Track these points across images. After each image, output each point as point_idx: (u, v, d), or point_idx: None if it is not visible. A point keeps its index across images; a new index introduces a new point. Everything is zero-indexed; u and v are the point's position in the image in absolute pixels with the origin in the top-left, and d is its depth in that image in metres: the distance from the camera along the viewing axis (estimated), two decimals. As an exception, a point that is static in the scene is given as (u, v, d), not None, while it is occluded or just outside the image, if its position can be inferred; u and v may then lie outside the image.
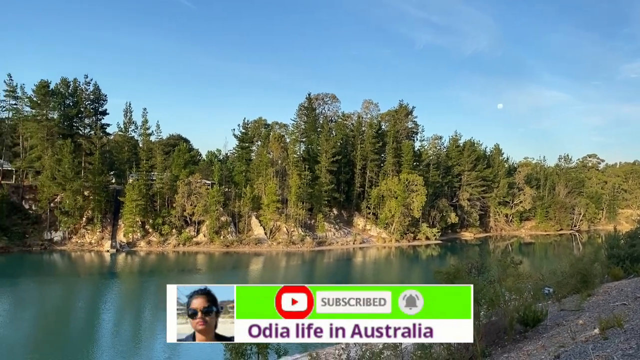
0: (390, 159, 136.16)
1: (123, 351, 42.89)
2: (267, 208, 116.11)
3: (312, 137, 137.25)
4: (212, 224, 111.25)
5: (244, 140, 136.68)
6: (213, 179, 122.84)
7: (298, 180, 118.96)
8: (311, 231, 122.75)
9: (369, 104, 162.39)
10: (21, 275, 79.32)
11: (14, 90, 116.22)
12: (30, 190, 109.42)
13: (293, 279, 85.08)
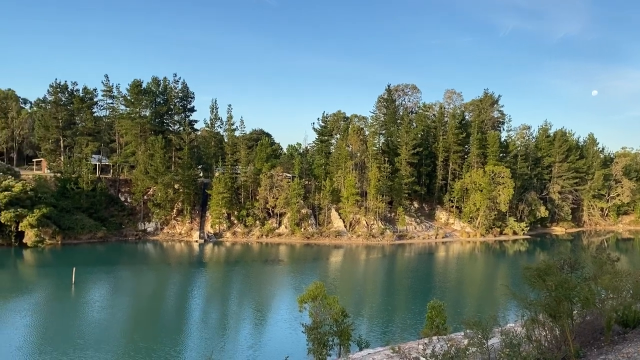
0: (475, 151, 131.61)
1: (210, 336, 44.67)
2: (346, 201, 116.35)
3: (392, 129, 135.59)
4: (293, 216, 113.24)
5: (324, 133, 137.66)
6: (294, 172, 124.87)
7: (377, 173, 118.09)
8: (391, 224, 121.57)
9: (451, 93, 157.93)
10: (118, 262, 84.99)
11: (110, 90, 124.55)
12: (126, 183, 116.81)
13: (374, 272, 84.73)
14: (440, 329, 34.93)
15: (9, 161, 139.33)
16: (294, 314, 49.39)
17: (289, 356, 26.17)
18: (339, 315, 30.80)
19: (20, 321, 49.26)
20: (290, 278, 76.21)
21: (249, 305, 58.34)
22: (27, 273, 77.34)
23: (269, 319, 52.57)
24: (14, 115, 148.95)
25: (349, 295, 61.23)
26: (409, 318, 52.16)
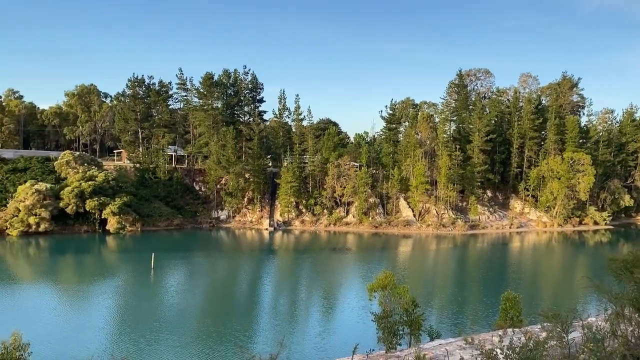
0: (552, 137, 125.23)
1: (280, 322, 45.50)
2: (415, 190, 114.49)
3: (464, 116, 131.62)
4: (361, 205, 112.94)
5: (392, 121, 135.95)
6: (361, 161, 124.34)
7: (448, 161, 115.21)
8: (463, 214, 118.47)
9: (527, 77, 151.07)
10: (193, 249, 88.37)
11: (184, 83, 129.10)
12: (200, 173, 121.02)
13: (444, 263, 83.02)
14: (515, 321, 33.65)
15: (92, 152, 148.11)
16: (362, 303, 49.34)
17: (359, 344, 26.06)
18: (410, 305, 30.35)
19: (102, 303, 52.42)
20: (358, 267, 76.17)
21: (318, 293, 58.88)
22: (110, 258, 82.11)
23: (337, 306, 52.81)
24: (96, 109, 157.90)
25: (418, 285, 60.35)
26: (480, 310, 50.72)
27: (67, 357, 34.80)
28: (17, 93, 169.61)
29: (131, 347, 37.75)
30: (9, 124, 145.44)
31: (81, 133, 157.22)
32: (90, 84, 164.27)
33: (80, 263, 76.26)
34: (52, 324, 43.52)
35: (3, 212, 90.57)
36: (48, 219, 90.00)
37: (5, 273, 66.79)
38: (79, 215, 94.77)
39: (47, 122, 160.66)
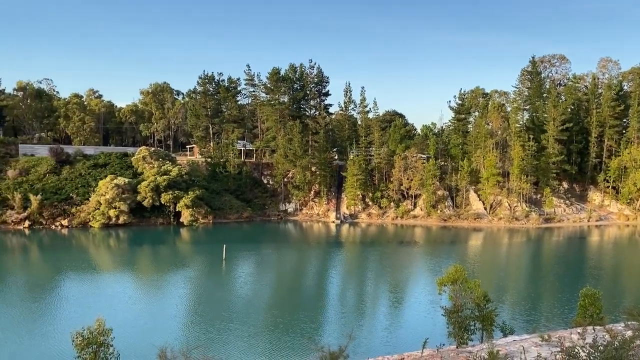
0: (635, 124, 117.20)
1: (347, 314, 45.51)
2: (486, 182, 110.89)
3: (538, 104, 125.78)
4: (429, 198, 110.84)
5: (460, 111, 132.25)
6: (428, 152, 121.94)
7: (521, 151, 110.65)
8: (537, 207, 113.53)
9: (606, 62, 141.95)
10: (262, 241, 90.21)
11: (252, 79, 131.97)
12: (268, 167, 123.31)
13: (517, 257, 79.96)
14: (594, 319, 31.77)
15: (166, 148, 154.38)
16: (430, 297, 48.44)
17: (428, 338, 25.54)
18: (481, 300, 29.37)
19: (176, 292, 54.60)
20: (426, 260, 74.86)
21: (385, 286, 58.41)
22: (183, 249, 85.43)
23: (405, 300, 52.15)
24: (169, 106, 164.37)
25: (490, 280, 58.45)
26: (556, 306, 48.43)
27: (145, 343, 36.46)
28: (97, 93, 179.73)
29: (202, 336, 39.02)
30: (90, 122, 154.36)
31: (156, 129, 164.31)
32: (163, 82, 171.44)
33: (156, 254, 79.85)
34: (130, 311, 45.81)
35: (86, 205, 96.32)
36: (127, 212, 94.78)
37: (88, 263, 71.10)
38: (155, 208, 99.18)
39: (125, 119, 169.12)
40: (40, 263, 72.16)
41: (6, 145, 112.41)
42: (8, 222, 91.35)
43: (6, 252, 77.96)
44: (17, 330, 40.92)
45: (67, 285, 58.13)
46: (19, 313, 46.24)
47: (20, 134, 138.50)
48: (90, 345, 24.76)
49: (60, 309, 47.67)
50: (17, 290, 56.20)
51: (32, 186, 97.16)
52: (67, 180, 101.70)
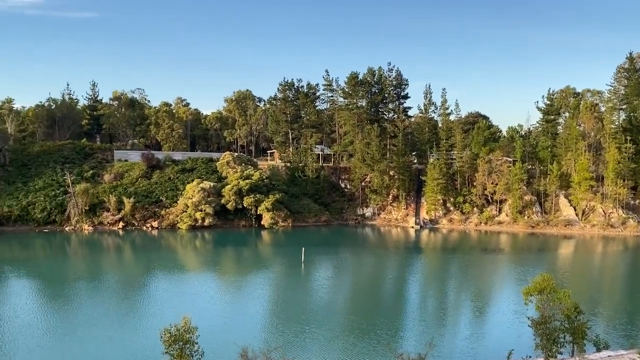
0: None
1: (427, 322, 44.33)
2: (578, 186, 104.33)
3: (635, 103, 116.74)
4: (515, 203, 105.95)
5: (549, 112, 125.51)
6: (515, 155, 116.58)
7: (617, 154, 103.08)
8: (635, 213, 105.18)
9: None
10: (340, 245, 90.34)
11: (330, 84, 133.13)
12: (345, 171, 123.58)
13: (613, 267, 74.43)
14: None
15: (248, 153, 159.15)
16: (515, 307, 46.18)
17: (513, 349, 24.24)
18: (572, 311, 27.52)
19: (256, 293, 55.84)
20: (512, 269, 71.52)
21: (467, 294, 56.40)
22: (264, 251, 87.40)
23: (488, 309, 50.02)
24: (251, 113, 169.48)
25: (582, 290, 54.73)
26: (659, 322, 44.42)
27: (227, 342, 37.49)
28: (184, 101, 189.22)
29: (280, 337, 39.48)
30: (178, 129, 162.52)
31: (239, 135, 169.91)
32: (246, 89, 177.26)
33: (238, 255, 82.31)
34: (213, 310, 47.35)
35: (174, 208, 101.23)
36: (212, 214, 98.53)
37: (175, 263, 74.62)
38: (238, 210, 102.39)
39: (210, 126, 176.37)
40: (132, 262, 76.64)
41: (103, 152, 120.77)
42: (104, 223, 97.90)
43: (102, 251, 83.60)
44: (110, 324, 43.51)
45: (156, 284, 61.22)
46: (112, 308, 49.22)
47: (115, 140, 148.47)
48: (177, 342, 25.86)
49: (149, 305, 50.24)
50: (111, 287, 59.95)
51: (125, 190, 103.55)
52: (157, 184, 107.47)
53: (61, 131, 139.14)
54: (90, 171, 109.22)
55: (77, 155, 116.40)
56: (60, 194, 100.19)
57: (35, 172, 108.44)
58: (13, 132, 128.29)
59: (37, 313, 47.61)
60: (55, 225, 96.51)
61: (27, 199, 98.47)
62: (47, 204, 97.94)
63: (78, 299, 53.38)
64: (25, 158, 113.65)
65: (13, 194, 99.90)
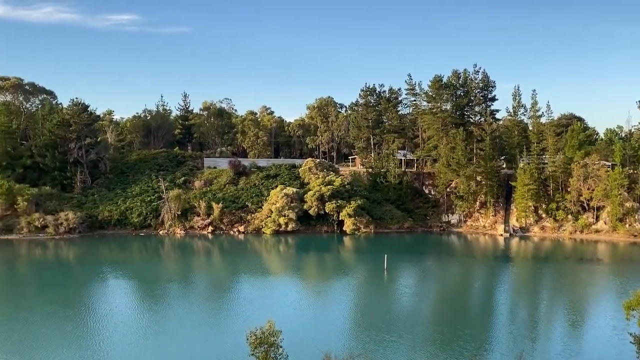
0: None
1: (517, 335, 42.13)
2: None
3: None
4: (615, 211, 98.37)
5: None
6: (613, 159, 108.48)
7: None
8: None
9: None
10: (424, 253, 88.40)
11: (413, 88, 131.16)
12: (429, 176, 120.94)
13: None
14: None
15: (330, 159, 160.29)
16: (614, 321, 42.92)
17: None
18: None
19: (337, 298, 55.94)
20: (611, 280, 66.46)
21: (561, 306, 53.08)
22: (346, 257, 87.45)
23: (584, 323, 46.75)
24: (333, 119, 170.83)
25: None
26: None
27: (310, 346, 37.79)
28: (269, 109, 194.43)
29: (360, 345, 39.16)
30: (263, 137, 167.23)
31: (320, 142, 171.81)
32: (328, 96, 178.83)
33: (320, 260, 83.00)
34: (296, 315, 47.96)
35: (259, 213, 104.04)
36: (295, 220, 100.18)
37: (261, 266, 76.61)
38: (320, 216, 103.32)
39: (293, 133, 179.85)
40: (219, 265, 79.61)
41: (194, 159, 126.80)
42: (195, 227, 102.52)
43: (193, 254, 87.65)
44: (198, 324, 45.35)
45: (241, 287, 63.16)
46: (200, 309, 51.33)
47: (205, 148, 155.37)
48: (262, 344, 26.48)
49: (235, 307, 51.87)
50: (200, 288, 62.61)
51: (214, 195, 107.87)
52: (243, 190, 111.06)
53: (156, 140, 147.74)
54: (182, 178, 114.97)
55: (170, 163, 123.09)
56: (155, 199, 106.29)
57: (133, 179, 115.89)
58: (113, 141, 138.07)
59: (131, 311, 50.72)
60: (150, 229, 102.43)
61: (125, 204, 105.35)
62: (143, 209, 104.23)
63: (169, 299, 56.22)
64: (124, 166, 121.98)
65: (113, 200, 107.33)
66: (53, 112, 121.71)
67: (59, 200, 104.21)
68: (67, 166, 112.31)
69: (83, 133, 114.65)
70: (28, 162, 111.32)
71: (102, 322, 46.51)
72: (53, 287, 61.94)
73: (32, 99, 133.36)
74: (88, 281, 66.20)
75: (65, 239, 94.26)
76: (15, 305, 52.46)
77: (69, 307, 51.15)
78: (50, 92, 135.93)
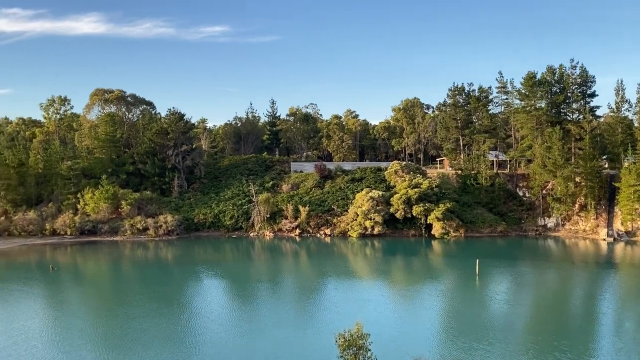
0: None
1: (623, 347, 38.81)
2: None
3: None
4: None
5: None
6: None
7: None
8: None
9: None
10: (518, 257, 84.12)
11: (504, 86, 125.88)
12: (523, 178, 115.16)
13: None
14: None
15: (416, 161, 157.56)
16: None
17: None
18: None
19: (427, 303, 54.55)
20: None
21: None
22: (434, 261, 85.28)
23: None
24: (419, 121, 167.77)
25: None
26: None
27: (399, 351, 37.24)
28: (353, 113, 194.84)
29: (450, 351, 38.00)
30: (348, 140, 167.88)
31: (407, 144, 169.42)
32: (413, 97, 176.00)
33: (408, 264, 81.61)
34: (384, 318, 47.37)
35: (345, 216, 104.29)
36: (381, 223, 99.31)
37: (347, 269, 76.66)
38: (407, 220, 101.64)
39: (378, 136, 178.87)
40: (307, 267, 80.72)
41: (281, 164, 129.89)
42: (283, 229, 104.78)
43: (281, 255, 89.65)
44: (287, 324, 46.11)
45: (329, 288, 63.52)
46: (289, 309, 52.23)
47: (292, 153, 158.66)
48: (351, 347, 26.47)
49: (322, 309, 52.22)
50: (288, 289, 63.81)
51: (301, 199, 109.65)
52: (329, 193, 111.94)
53: (246, 146, 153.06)
54: (270, 182, 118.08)
55: (259, 168, 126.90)
56: (245, 203, 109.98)
57: (225, 184, 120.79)
58: (207, 148, 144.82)
59: (222, 310, 52.79)
60: (241, 231, 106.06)
61: (219, 208, 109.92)
62: (234, 212, 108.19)
63: (258, 299, 57.81)
64: (217, 171, 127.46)
65: (207, 203, 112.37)
66: (152, 122, 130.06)
67: (159, 204, 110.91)
68: (165, 172, 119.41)
69: (179, 140, 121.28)
70: (130, 168, 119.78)
71: (194, 319, 48.86)
72: (152, 285, 65.93)
73: (133, 110, 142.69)
74: (184, 280, 69.76)
75: (164, 240, 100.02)
76: (119, 301, 56.50)
77: (165, 304, 54.22)
78: (149, 103, 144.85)
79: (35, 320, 49.34)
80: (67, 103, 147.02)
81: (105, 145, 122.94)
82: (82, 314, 52.70)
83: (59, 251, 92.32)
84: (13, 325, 46.98)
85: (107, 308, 54.07)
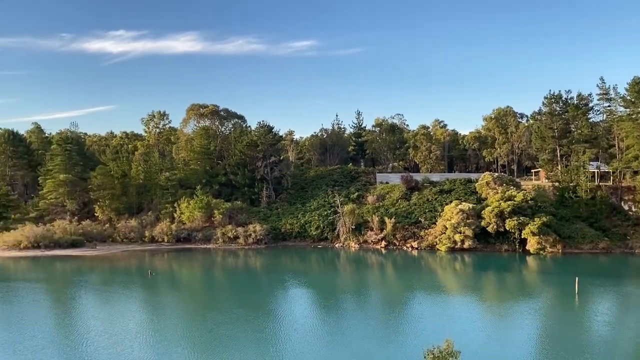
0: None
1: None
2: None
3: None
4: None
5: None
6: None
7: None
8: None
9: None
10: (623, 276, 77.49)
11: (606, 93, 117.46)
12: (628, 190, 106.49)
13: None
14: None
15: (510, 173, 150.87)
16: None
17: None
18: None
19: (521, 322, 51.60)
20: None
21: None
22: (529, 278, 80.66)
23: None
24: (512, 130, 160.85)
25: None
26: None
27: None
28: (441, 123, 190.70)
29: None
30: (435, 151, 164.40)
31: (499, 154, 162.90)
32: (506, 106, 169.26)
33: (500, 281, 77.83)
34: (476, 336, 45.31)
35: (433, 229, 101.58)
36: (471, 237, 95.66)
37: (436, 284, 74.53)
38: (499, 234, 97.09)
39: (468, 146, 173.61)
40: (394, 280, 79.40)
41: (366, 175, 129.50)
42: (368, 241, 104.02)
43: (367, 267, 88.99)
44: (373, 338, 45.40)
45: (416, 303, 62.01)
46: (375, 322, 51.53)
47: (377, 164, 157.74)
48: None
49: (409, 324, 50.97)
50: (374, 302, 63.03)
51: (386, 210, 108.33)
52: (415, 205, 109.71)
53: (331, 157, 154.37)
54: (355, 193, 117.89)
55: (345, 179, 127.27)
56: (330, 213, 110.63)
57: (311, 194, 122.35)
58: (294, 159, 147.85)
59: (307, 320, 53.09)
60: (327, 241, 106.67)
61: (305, 218, 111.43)
62: (320, 222, 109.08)
63: (344, 310, 57.63)
64: (303, 182, 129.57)
65: (294, 213, 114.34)
66: (243, 134, 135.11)
67: (248, 214, 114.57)
68: (254, 183, 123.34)
69: (268, 152, 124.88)
70: (223, 179, 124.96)
71: (278, 327, 49.57)
72: (240, 292, 67.96)
73: (226, 123, 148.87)
74: (270, 288, 71.23)
75: (253, 248, 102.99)
76: (209, 307, 58.75)
77: (252, 311, 55.56)
78: (240, 117, 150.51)
79: (133, 322, 52.42)
80: (165, 117, 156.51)
81: (200, 157, 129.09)
82: (175, 317, 55.32)
83: (157, 257, 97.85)
84: (114, 325, 50.25)
85: (198, 313, 56.36)
